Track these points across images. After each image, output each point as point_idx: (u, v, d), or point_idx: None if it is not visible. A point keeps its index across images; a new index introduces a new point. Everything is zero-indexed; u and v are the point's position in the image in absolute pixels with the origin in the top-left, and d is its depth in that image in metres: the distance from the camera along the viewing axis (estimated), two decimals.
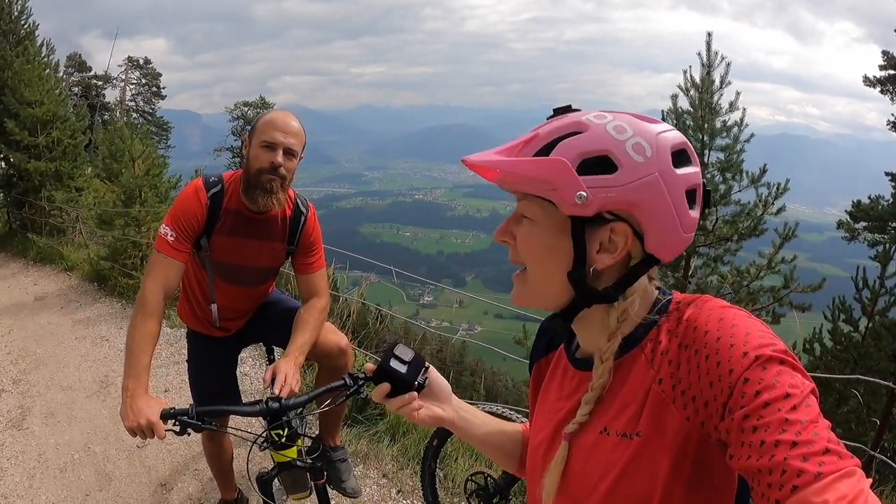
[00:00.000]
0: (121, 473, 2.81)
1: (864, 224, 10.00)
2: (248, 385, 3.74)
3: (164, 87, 27.23)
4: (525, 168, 0.66)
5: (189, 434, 1.33)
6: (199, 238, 1.72)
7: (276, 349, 2.18)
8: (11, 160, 9.25)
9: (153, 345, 1.54)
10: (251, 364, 4.00)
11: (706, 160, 6.99)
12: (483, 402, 2.86)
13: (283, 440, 1.46)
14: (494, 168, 0.68)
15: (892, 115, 11.41)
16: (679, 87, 7.08)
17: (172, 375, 3.94)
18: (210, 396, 1.97)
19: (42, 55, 9.81)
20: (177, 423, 1.31)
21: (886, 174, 10.56)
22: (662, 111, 7.23)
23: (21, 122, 8.94)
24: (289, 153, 1.64)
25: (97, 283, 6.33)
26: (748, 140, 6.96)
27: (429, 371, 0.89)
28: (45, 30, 11.07)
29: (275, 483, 1.71)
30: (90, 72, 24.80)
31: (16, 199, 9.52)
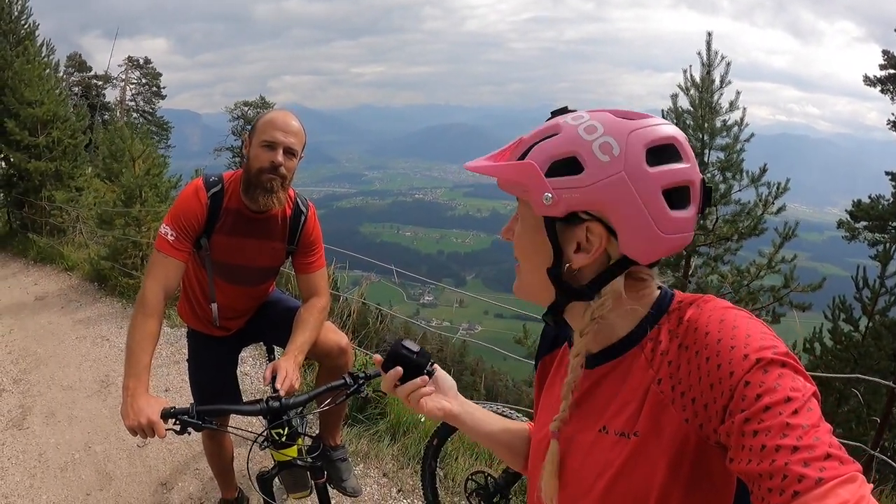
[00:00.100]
0: (121, 473, 2.81)
1: (865, 223, 9.99)
2: (249, 384, 3.74)
3: (165, 87, 27.24)
4: (503, 172, 0.69)
5: (189, 433, 1.33)
6: (200, 237, 1.72)
7: (277, 348, 2.18)
8: (12, 160, 9.25)
9: (154, 344, 1.55)
10: (251, 364, 4.01)
11: (706, 159, 6.99)
12: (483, 402, 2.86)
13: (284, 439, 1.46)
14: (482, 173, 0.71)
15: (893, 115, 11.42)
16: (679, 87, 7.08)
17: (173, 375, 3.94)
18: (210, 395, 1.97)
19: (42, 55, 9.81)
20: (177, 422, 1.32)
21: (887, 173, 10.56)
22: (662, 110, 7.24)
23: (21, 122, 8.94)
24: (289, 152, 1.64)
25: (98, 283, 6.33)
26: (748, 139, 6.96)
27: (435, 365, 0.90)
28: (46, 30, 11.08)
29: (275, 482, 1.71)
30: (90, 72, 24.79)
31: (16, 199, 9.52)
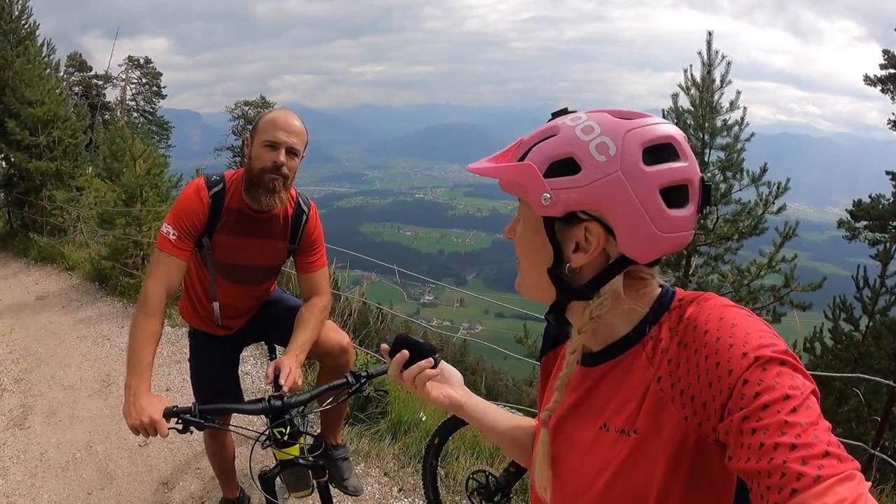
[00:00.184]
0: (123, 472, 2.81)
1: (865, 223, 9.99)
2: (250, 384, 3.74)
3: (165, 87, 27.25)
4: (502, 173, 0.70)
5: (192, 432, 1.33)
6: (201, 237, 1.72)
7: (278, 347, 2.18)
8: (12, 160, 9.24)
9: (156, 343, 1.55)
10: (252, 363, 4.01)
11: (707, 159, 6.99)
12: None
13: (286, 438, 1.46)
14: (484, 175, 0.72)
15: (893, 115, 11.41)
16: (680, 87, 7.08)
17: (174, 374, 3.94)
18: (212, 395, 1.97)
19: (43, 55, 9.80)
20: (179, 422, 1.32)
21: (887, 173, 10.56)
22: (663, 110, 7.24)
23: (22, 122, 8.94)
24: (291, 152, 1.64)
25: (98, 283, 6.33)
26: (749, 139, 6.96)
27: (440, 358, 0.91)
28: (46, 29, 11.06)
29: (277, 481, 1.71)
30: (91, 71, 24.80)
31: (17, 199, 9.52)
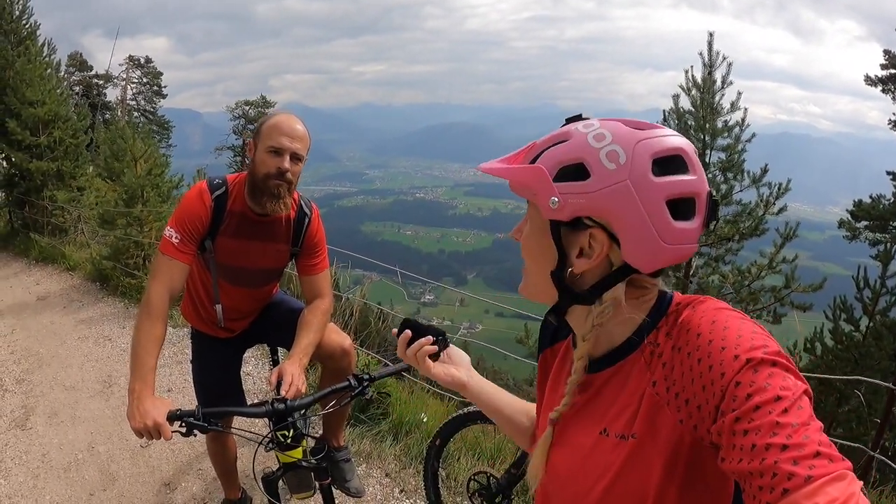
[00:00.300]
0: (125, 473, 2.82)
1: (866, 223, 10.00)
2: (251, 384, 3.75)
3: (166, 86, 27.28)
4: (514, 175, 0.70)
5: (195, 435, 1.34)
6: (204, 240, 1.73)
7: (280, 350, 2.19)
8: (13, 160, 9.24)
9: (159, 347, 1.56)
10: (254, 364, 4.02)
11: (708, 160, 6.98)
12: None
13: (289, 441, 1.47)
14: (495, 175, 0.72)
15: (894, 115, 11.41)
16: (681, 87, 7.07)
17: (175, 375, 3.95)
18: (215, 397, 1.98)
19: (43, 55, 9.80)
20: (183, 425, 1.33)
21: (888, 173, 10.56)
22: (664, 111, 7.23)
23: (23, 122, 8.94)
24: (295, 157, 1.65)
25: (99, 283, 6.34)
26: (749, 140, 6.95)
27: (448, 341, 0.97)
28: (47, 29, 11.05)
29: (279, 483, 1.72)
30: (91, 71, 24.82)
31: (18, 199, 9.52)
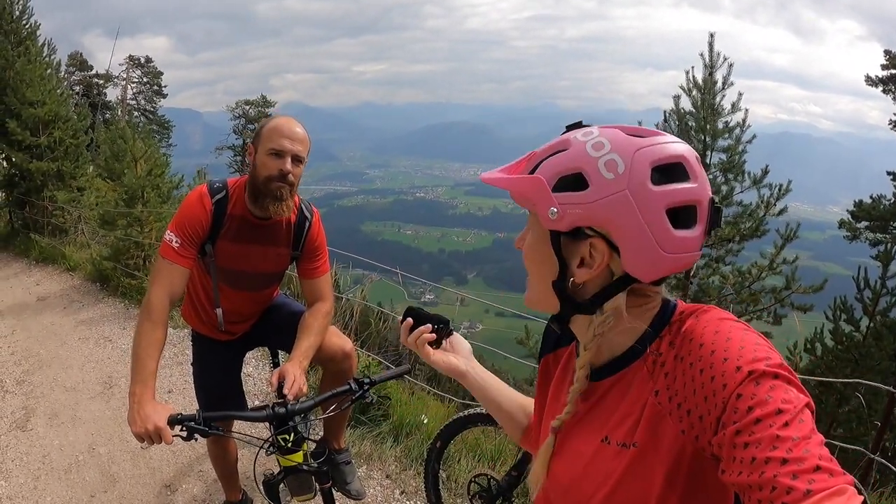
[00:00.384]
0: (125, 475, 2.82)
1: (866, 223, 10.00)
2: (252, 385, 3.75)
3: (166, 86, 27.31)
4: (513, 185, 0.70)
5: (196, 439, 1.34)
6: (204, 244, 1.73)
7: (281, 353, 2.19)
8: (13, 160, 9.24)
9: (160, 350, 1.56)
10: (254, 365, 4.02)
11: (708, 161, 6.96)
12: None
13: (290, 445, 1.47)
14: (496, 185, 0.72)
15: (895, 115, 11.40)
16: (681, 88, 7.05)
17: (176, 376, 3.95)
18: (216, 400, 1.98)
19: (44, 55, 9.79)
20: (184, 429, 1.33)
21: (888, 173, 10.56)
22: (665, 111, 7.22)
23: (23, 122, 8.93)
24: (296, 160, 1.65)
25: (100, 284, 6.34)
26: (750, 141, 6.93)
27: (452, 330, 1.00)
28: (47, 29, 11.04)
29: (280, 486, 1.72)
30: (91, 71, 24.84)
31: (18, 199, 9.52)
